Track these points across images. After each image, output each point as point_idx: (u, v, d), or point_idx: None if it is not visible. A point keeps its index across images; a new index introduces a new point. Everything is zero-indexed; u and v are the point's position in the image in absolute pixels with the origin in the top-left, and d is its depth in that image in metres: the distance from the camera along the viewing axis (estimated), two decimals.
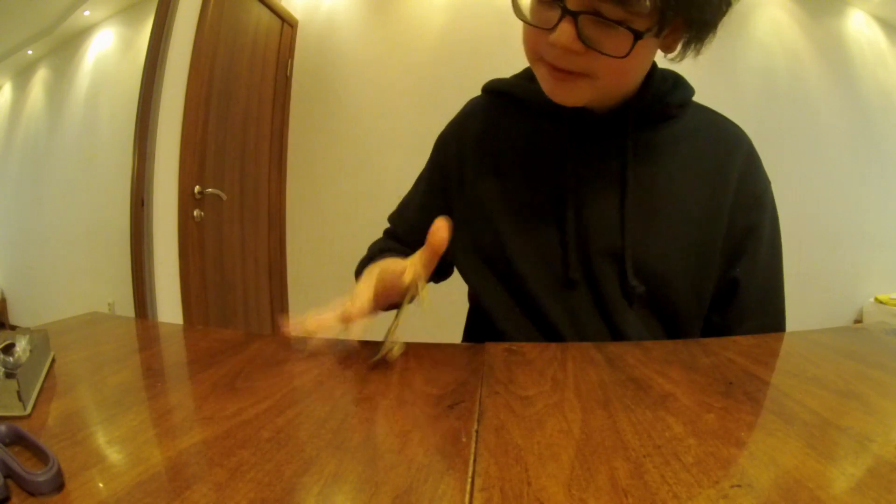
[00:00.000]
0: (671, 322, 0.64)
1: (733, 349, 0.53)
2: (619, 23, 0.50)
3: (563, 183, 0.64)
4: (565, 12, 0.51)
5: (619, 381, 0.43)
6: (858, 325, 2.35)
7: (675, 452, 0.30)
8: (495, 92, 0.73)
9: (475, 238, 0.69)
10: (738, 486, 0.27)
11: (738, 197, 0.64)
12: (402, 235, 0.79)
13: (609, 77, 0.55)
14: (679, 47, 0.59)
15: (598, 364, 0.48)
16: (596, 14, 0.50)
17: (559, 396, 0.41)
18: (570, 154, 0.64)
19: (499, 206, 0.67)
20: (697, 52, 0.60)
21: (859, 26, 2.73)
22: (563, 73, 0.55)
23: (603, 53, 0.51)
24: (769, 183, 0.68)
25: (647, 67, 0.61)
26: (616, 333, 0.63)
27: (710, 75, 2.64)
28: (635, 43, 0.50)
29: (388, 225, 0.83)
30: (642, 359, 0.49)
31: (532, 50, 0.58)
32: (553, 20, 0.52)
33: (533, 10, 0.56)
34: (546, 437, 0.33)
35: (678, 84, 0.68)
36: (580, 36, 0.51)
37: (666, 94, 0.65)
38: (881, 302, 2.67)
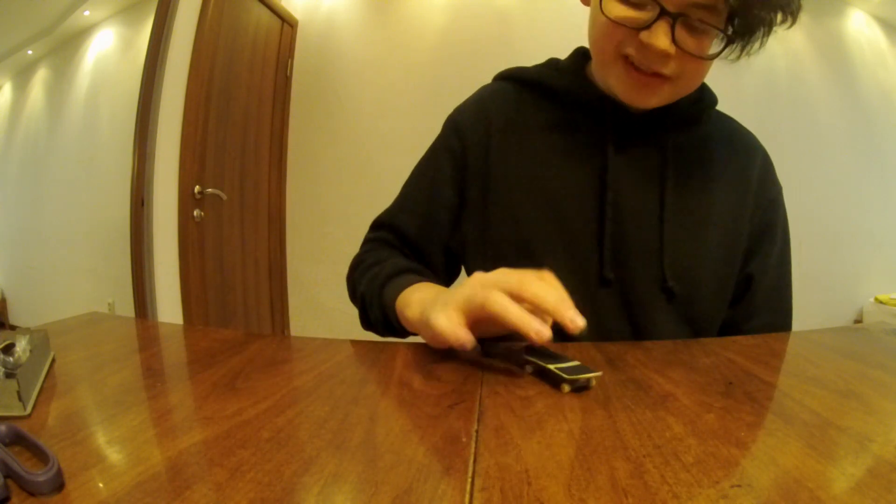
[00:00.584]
0: (696, 324, 0.63)
1: (733, 349, 0.53)
2: (712, 26, 0.52)
3: (603, 177, 0.62)
4: (663, 13, 0.51)
5: (619, 381, 0.43)
6: (858, 325, 2.35)
7: (675, 452, 0.30)
8: (519, 80, 0.70)
9: (494, 229, 0.65)
10: (738, 486, 0.27)
11: (757, 199, 0.66)
12: (410, 234, 0.71)
13: (689, 81, 0.58)
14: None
15: (598, 364, 0.48)
16: (688, 17, 0.52)
17: (559, 396, 0.41)
18: (611, 149, 0.63)
19: (527, 196, 0.64)
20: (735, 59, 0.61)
21: (859, 26, 2.73)
22: (646, 76, 0.56)
23: (699, 57, 0.54)
24: (781, 188, 0.71)
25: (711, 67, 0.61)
26: (639, 334, 0.62)
27: (710, 75, 2.64)
28: (726, 46, 0.54)
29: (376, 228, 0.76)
30: (642, 359, 0.49)
31: (614, 48, 0.56)
32: (646, 19, 0.52)
33: (614, 6, 0.54)
34: (546, 437, 0.33)
35: (705, 89, 0.68)
36: (674, 39, 0.52)
37: (697, 99, 0.66)
38: (881, 302, 2.67)
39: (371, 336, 0.63)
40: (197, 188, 2.06)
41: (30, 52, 2.42)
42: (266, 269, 2.62)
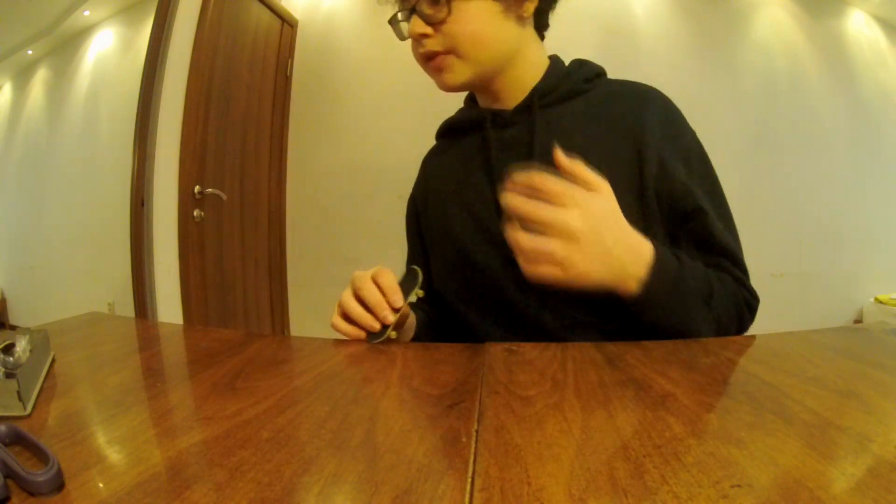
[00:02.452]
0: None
1: (733, 349, 0.53)
2: None
3: (491, 176, 0.71)
4: (409, 12, 0.65)
5: (619, 381, 0.43)
6: (858, 325, 2.35)
7: (675, 452, 0.30)
8: (440, 132, 0.83)
9: (437, 253, 0.77)
10: (738, 486, 0.27)
11: (664, 143, 0.66)
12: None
13: (467, 46, 0.65)
14: (531, 13, 0.68)
15: (598, 364, 0.48)
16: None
17: (559, 396, 0.41)
18: (494, 150, 0.71)
19: (453, 217, 0.74)
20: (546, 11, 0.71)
21: (859, 26, 2.74)
22: (432, 59, 0.66)
23: (436, 22, 0.63)
24: (693, 132, 0.70)
25: (508, 32, 0.67)
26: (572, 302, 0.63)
27: (710, 75, 2.65)
28: (450, 2, 0.63)
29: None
30: (642, 359, 0.49)
31: (415, 56, 0.69)
32: (409, 25, 0.65)
33: (404, 27, 0.69)
34: (546, 437, 0.33)
35: (584, 64, 0.74)
36: (424, 19, 0.64)
37: (570, 74, 0.72)
38: (881, 302, 2.67)
39: None
40: (197, 188, 2.06)
41: (30, 52, 2.42)
42: (266, 269, 2.62)
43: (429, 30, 0.64)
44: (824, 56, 2.64)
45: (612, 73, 0.73)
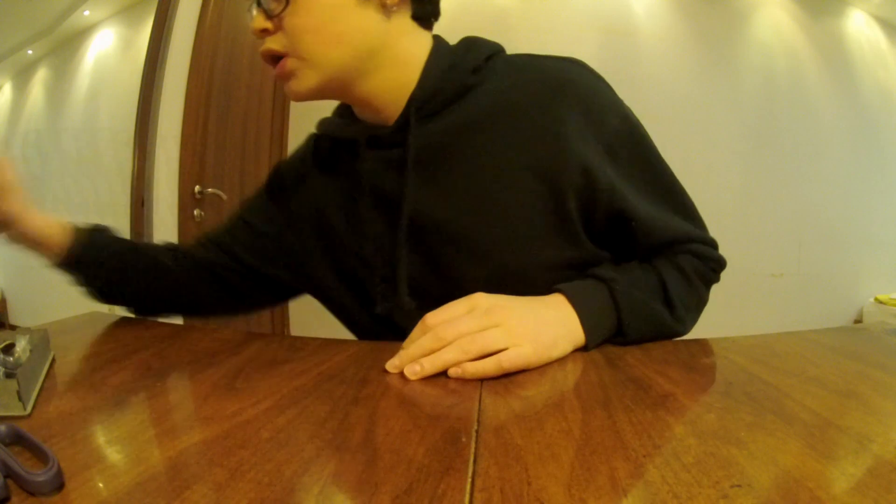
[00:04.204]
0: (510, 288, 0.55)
1: (733, 349, 0.53)
2: None
3: (359, 209, 0.60)
4: (256, 2, 0.54)
5: (619, 381, 0.43)
6: (858, 325, 2.35)
7: (675, 452, 0.30)
8: (320, 133, 0.67)
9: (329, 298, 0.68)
10: (738, 486, 0.27)
11: (587, 143, 0.55)
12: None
13: (307, 44, 0.53)
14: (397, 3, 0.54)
15: (598, 364, 0.48)
16: None
17: (559, 396, 0.41)
18: (364, 176, 0.60)
19: (314, 259, 0.66)
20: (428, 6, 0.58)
21: (859, 26, 2.74)
22: (277, 63, 0.54)
23: (274, 15, 0.52)
24: (618, 109, 0.58)
25: (363, 30, 0.54)
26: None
27: (710, 75, 2.65)
28: None
29: None
30: (642, 359, 0.49)
31: (267, 58, 0.57)
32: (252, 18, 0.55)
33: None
34: (546, 437, 0.33)
35: (471, 47, 0.59)
36: (266, 14, 0.53)
37: (454, 67, 0.57)
38: (881, 302, 2.67)
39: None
40: (197, 188, 2.06)
41: (30, 52, 2.42)
42: None
43: (269, 24, 0.53)
44: (824, 56, 2.64)
45: (613, 74, 0.61)
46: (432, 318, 0.49)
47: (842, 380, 0.43)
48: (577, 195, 0.55)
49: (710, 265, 0.62)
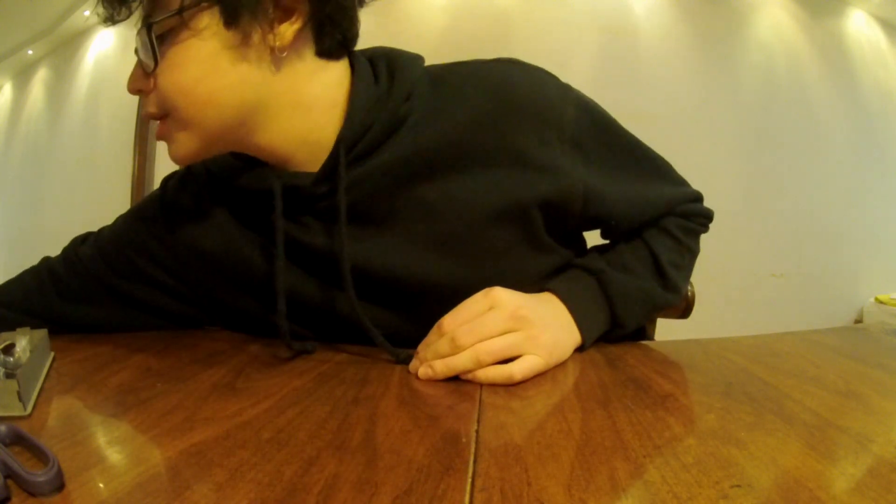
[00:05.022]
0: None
1: (733, 349, 0.53)
2: (144, 28, 0.43)
3: (275, 281, 0.50)
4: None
5: (619, 381, 0.43)
6: (858, 325, 2.35)
7: (675, 452, 0.30)
8: (212, 174, 0.56)
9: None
10: (738, 486, 0.27)
11: (543, 153, 0.51)
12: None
13: (180, 106, 0.45)
14: (288, 41, 0.45)
15: (598, 364, 0.48)
16: (137, 47, 0.45)
17: (559, 396, 0.41)
18: (279, 235, 0.50)
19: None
20: (337, 38, 0.49)
21: (859, 26, 2.74)
22: (158, 127, 0.47)
23: (145, 72, 0.45)
24: (577, 98, 0.54)
25: (239, 82, 0.46)
26: None
27: (710, 75, 2.65)
28: (151, 38, 0.43)
29: None
30: (642, 359, 0.49)
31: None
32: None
33: None
34: (546, 437, 0.33)
35: (395, 69, 0.51)
36: (143, 72, 0.45)
37: (379, 99, 0.49)
38: (881, 302, 2.67)
39: None
40: None
41: (30, 52, 2.42)
42: None
43: (143, 84, 0.46)
44: (824, 56, 2.64)
45: (613, 74, 0.62)
46: (449, 321, 0.47)
47: (842, 380, 0.43)
48: (547, 212, 0.52)
49: (697, 221, 0.63)
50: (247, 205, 0.54)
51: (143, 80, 0.46)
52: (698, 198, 0.63)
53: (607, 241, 0.63)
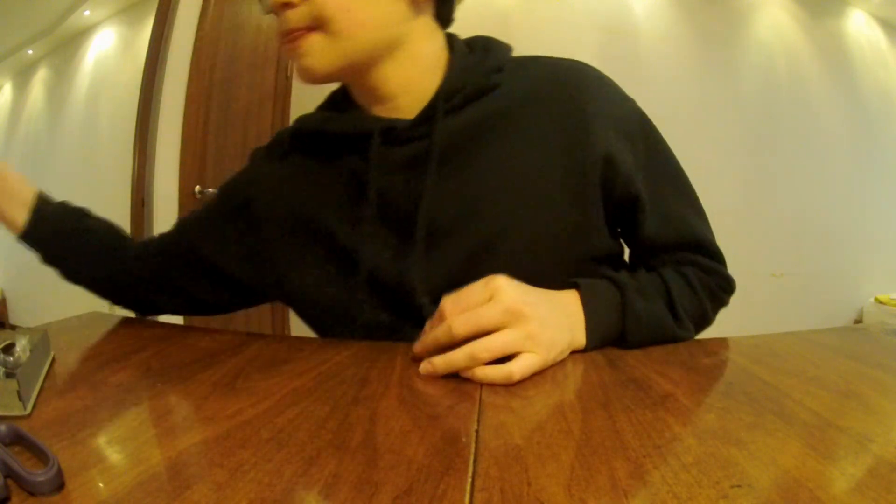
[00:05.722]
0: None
1: (733, 349, 0.53)
2: None
3: (363, 208, 0.57)
4: None
5: (619, 381, 0.43)
6: (858, 325, 2.35)
7: (675, 452, 0.30)
8: (303, 131, 0.63)
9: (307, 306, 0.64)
10: (738, 486, 0.27)
11: (609, 132, 0.56)
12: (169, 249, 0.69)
13: (338, 21, 0.51)
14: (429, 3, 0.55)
15: (598, 364, 0.48)
16: None
17: (559, 396, 0.41)
18: (374, 173, 0.56)
19: (298, 272, 0.61)
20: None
21: (859, 26, 2.74)
22: (297, 40, 0.52)
23: None
24: (632, 105, 0.61)
25: (392, 19, 0.54)
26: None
27: (710, 75, 2.65)
28: None
29: None
30: (642, 359, 0.49)
31: (277, 37, 0.55)
32: None
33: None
34: (546, 437, 0.33)
35: (489, 47, 0.61)
36: None
37: (475, 66, 0.58)
38: (881, 302, 2.67)
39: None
40: (197, 188, 2.06)
41: (30, 52, 2.42)
42: None
43: None
44: (824, 56, 2.64)
45: (613, 74, 0.63)
46: (450, 305, 0.48)
47: (842, 380, 0.43)
48: (599, 182, 0.56)
49: (716, 280, 0.61)
50: (334, 155, 0.60)
51: None
52: (721, 259, 0.63)
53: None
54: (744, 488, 0.26)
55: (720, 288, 0.61)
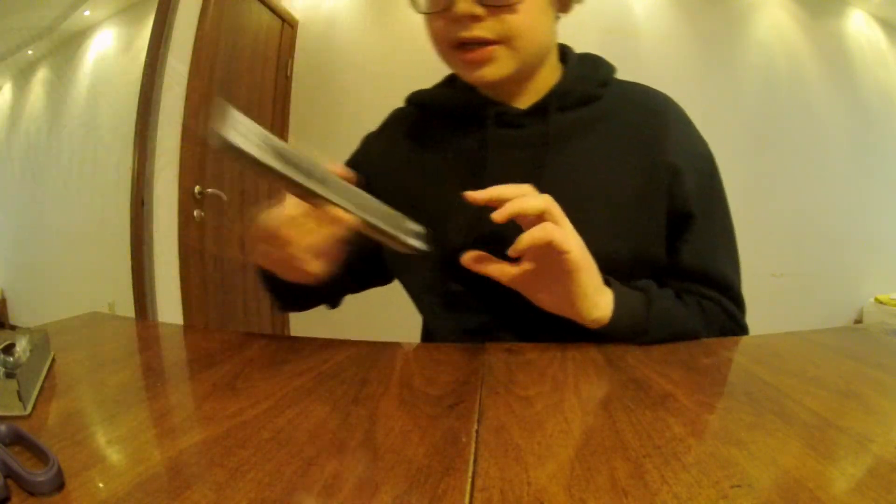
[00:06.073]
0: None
1: (733, 349, 0.53)
2: None
3: (484, 178, 0.62)
4: None
5: (619, 381, 0.43)
6: (858, 325, 2.35)
7: (675, 452, 0.30)
8: (417, 103, 0.72)
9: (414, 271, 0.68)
10: (738, 486, 0.27)
11: (680, 157, 0.63)
12: None
13: (515, 37, 0.56)
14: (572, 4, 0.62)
15: (598, 364, 0.48)
16: None
17: (559, 396, 0.41)
18: (494, 151, 0.64)
19: (426, 218, 0.63)
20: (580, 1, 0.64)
21: (859, 26, 2.74)
22: (477, 49, 0.57)
23: (499, 5, 0.54)
24: (706, 145, 0.67)
25: (551, 29, 0.62)
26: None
27: (710, 75, 2.65)
28: None
29: None
30: (642, 359, 0.49)
31: (441, 40, 0.59)
32: (456, 3, 0.55)
33: (428, 1, 0.58)
34: (546, 437, 0.33)
35: (598, 64, 0.68)
36: (479, 2, 0.54)
37: (586, 77, 0.65)
38: (881, 302, 2.67)
39: (372, 336, 0.63)
40: (197, 188, 2.06)
41: (30, 52, 2.42)
42: None
43: (480, 11, 0.55)
44: (824, 56, 2.64)
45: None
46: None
47: (842, 380, 0.43)
48: (666, 191, 0.61)
49: (731, 325, 0.63)
50: (443, 135, 0.67)
51: (479, 8, 0.55)
52: (743, 308, 0.66)
53: None
54: (744, 488, 0.26)
55: (731, 332, 0.63)
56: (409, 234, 0.52)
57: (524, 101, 0.64)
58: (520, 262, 0.53)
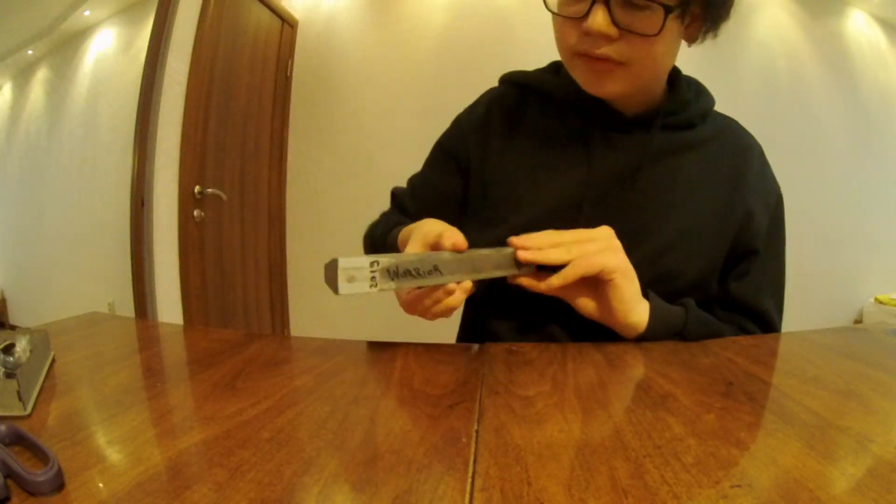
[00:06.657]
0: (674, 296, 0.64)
1: (733, 349, 0.53)
2: (650, 1, 0.52)
3: (586, 176, 0.65)
4: (602, 7, 0.53)
5: (619, 381, 0.43)
6: (858, 325, 2.35)
7: (675, 452, 0.30)
8: (521, 85, 0.73)
9: (490, 231, 0.68)
10: (738, 486, 0.27)
11: (756, 196, 0.67)
12: (412, 212, 0.78)
13: (643, 63, 0.57)
14: (699, 36, 0.61)
15: (598, 364, 0.48)
16: None
17: (559, 396, 0.41)
18: (597, 148, 0.65)
19: (520, 199, 0.67)
20: (714, 37, 0.63)
21: (859, 26, 2.74)
22: (601, 63, 0.57)
23: (637, 33, 0.53)
24: (779, 186, 0.72)
25: (674, 57, 0.62)
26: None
27: (710, 75, 2.64)
28: (666, 18, 0.52)
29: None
30: (642, 359, 0.49)
31: (566, 44, 0.59)
32: (585, 8, 0.54)
33: (562, 1, 0.57)
34: (546, 437, 0.33)
35: (701, 93, 0.70)
36: (614, 20, 0.53)
37: (690, 103, 0.67)
38: (881, 302, 2.67)
39: (372, 336, 0.63)
40: (197, 188, 2.06)
41: (30, 52, 2.42)
42: (266, 269, 2.62)
43: (614, 33, 0.54)
44: (824, 56, 2.64)
45: None
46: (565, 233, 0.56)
47: (842, 380, 0.43)
48: (734, 233, 0.65)
49: None
50: (551, 118, 0.69)
51: (614, 28, 0.54)
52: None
53: None
54: (744, 488, 0.26)
55: None
56: (513, 264, 0.56)
57: (630, 109, 0.66)
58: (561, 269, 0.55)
